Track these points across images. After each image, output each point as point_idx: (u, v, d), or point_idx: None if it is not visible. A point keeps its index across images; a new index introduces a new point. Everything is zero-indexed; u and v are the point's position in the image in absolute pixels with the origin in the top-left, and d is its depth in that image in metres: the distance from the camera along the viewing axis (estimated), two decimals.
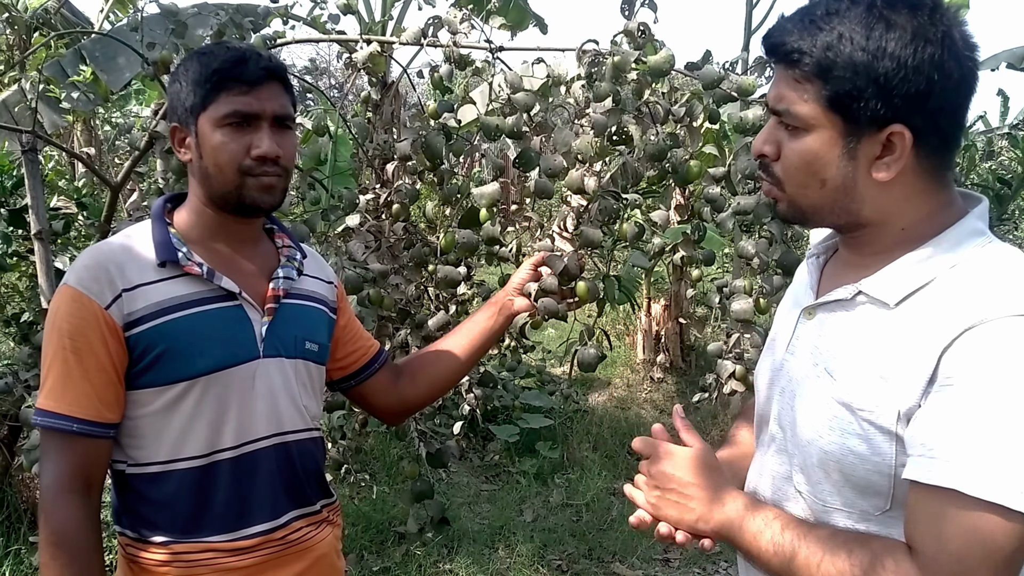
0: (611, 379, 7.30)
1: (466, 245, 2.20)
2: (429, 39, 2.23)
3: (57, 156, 6.04)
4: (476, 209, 2.16)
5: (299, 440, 1.59)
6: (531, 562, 4.09)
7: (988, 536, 0.95)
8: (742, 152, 2.10)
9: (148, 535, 1.46)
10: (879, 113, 1.05)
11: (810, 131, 1.10)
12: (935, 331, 1.02)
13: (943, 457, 0.98)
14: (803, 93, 1.09)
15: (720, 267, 7.06)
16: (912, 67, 1.02)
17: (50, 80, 3.33)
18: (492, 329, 1.87)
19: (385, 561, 4.02)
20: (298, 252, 1.66)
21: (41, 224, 3.00)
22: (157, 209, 1.54)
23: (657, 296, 7.57)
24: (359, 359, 1.79)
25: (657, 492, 1.30)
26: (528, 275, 1.89)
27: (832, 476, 1.13)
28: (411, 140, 2.21)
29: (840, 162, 1.10)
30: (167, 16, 2.47)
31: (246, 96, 1.45)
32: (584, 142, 1.97)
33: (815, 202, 1.15)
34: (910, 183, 1.10)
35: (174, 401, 1.44)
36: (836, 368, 1.14)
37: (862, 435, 1.08)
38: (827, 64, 1.05)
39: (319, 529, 1.63)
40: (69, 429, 1.39)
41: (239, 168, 1.46)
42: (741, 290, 2.22)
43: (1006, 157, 11.09)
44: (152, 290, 1.43)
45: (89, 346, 1.39)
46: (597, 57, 2.05)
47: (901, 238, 1.12)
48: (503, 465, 5.47)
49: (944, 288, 1.06)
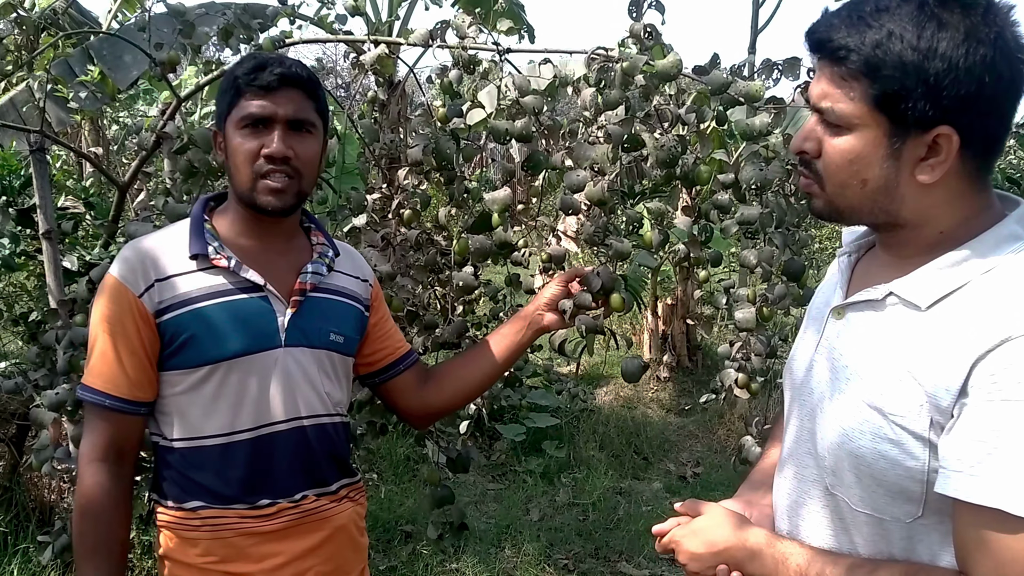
0: (617, 378, 7.29)
1: (480, 251, 2.20)
2: (438, 42, 2.23)
3: (65, 156, 6.06)
4: (488, 214, 2.16)
5: (317, 424, 1.67)
6: (537, 561, 4.09)
7: None
8: (749, 161, 2.08)
9: (183, 500, 1.59)
10: (927, 114, 1.02)
11: (853, 130, 1.08)
12: (969, 338, 1.00)
13: (985, 475, 0.96)
14: (849, 91, 1.06)
15: (727, 267, 7.04)
16: (964, 68, 0.99)
17: (58, 80, 3.34)
18: (520, 343, 1.90)
19: (392, 560, 4.02)
20: (331, 249, 1.75)
21: (49, 223, 3.00)
22: (197, 207, 1.67)
23: (664, 295, 7.56)
24: (385, 357, 1.85)
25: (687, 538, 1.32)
26: (559, 291, 1.89)
27: (863, 480, 1.11)
28: (422, 146, 2.21)
29: (883, 162, 1.07)
30: (174, 16, 2.47)
31: (261, 100, 1.56)
32: (600, 152, 1.97)
33: (854, 202, 1.12)
34: (952, 186, 1.08)
35: (198, 383, 1.56)
36: (866, 370, 1.12)
37: (894, 439, 1.06)
38: (876, 62, 1.02)
39: (339, 504, 1.72)
40: (103, 404, 1.54)
41: (252, 170, 1.56)
42: (744, 299, 2.21)
43: (1015, 157, 11.03)
44: (182, 280, 1.56)
45: (124, 331, 1.53)
46: (606, 63, 2.04)
47: (938, 240, 1.10)
48: (509, 464, 5.47)
49: (978, 293, 1.03)
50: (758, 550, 1.22)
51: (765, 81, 2.04)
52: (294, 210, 1.65)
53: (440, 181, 2.32)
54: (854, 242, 1.30)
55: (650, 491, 5.14)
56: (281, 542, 1.61)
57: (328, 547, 1.68)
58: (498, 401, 5.47)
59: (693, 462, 5.74)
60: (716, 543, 1.26)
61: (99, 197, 4.73)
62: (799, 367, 1.30)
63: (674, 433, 6.20)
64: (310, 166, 1.62)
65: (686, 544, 1.31)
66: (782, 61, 2.05)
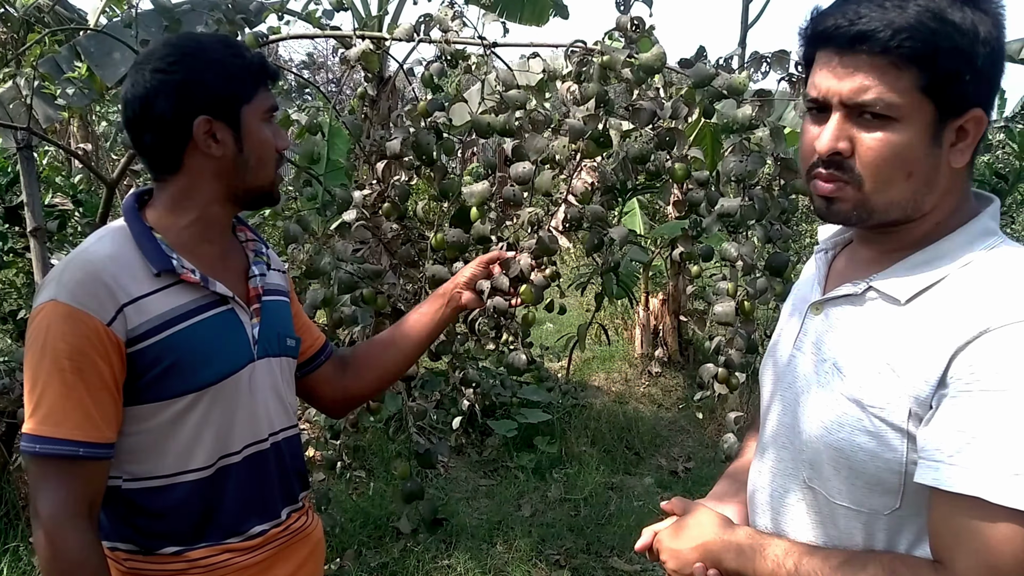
0: (608, 372, 7.30)
1: (456, 244, 2.19)
2: (421, 36, 2.22)
3: (53, 152, 6.02)
4: (467, 208, 2.16)
5: (288, 437, 1.61)
6: (529, 557, 4.09)
7: (1019, 545, 0.95)
8: (731, 153, 2.08)
9: (153, 547, 1.44)
10: (968, 98, 1.04)
11: (901, 121, 1.04)
12: (947, 330, 1.02)
13: (964, 464, 0.97)
14: (898, 79, 1.03)
15: (718, 262, 7.06)
16: (998, 52, 1.02)
17: (45, 76, 3.32)
18: (438, 321, 1.86)
19: (383, 557, 4.02)
20: (263, 245, 1.64)
21: (37, 221, 2.99)
22: (131, 210, 1.46)
23: (655, 290, 7.56)
24: (306, 351, 1.76)
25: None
26: (479, 271, 1.89)
27: (842, 473, 1.12)
28: (401, 139, 2.20)
29: (929, 150, 1.06)
30: (161, 13, 2.46)
31: (271, 91, 1.52)
32: (559, 146, 1.96)
33: (895, 196, 1.08)
34: (964, 173, 1.10)
35: (180, 414, 1.41)
36: (845, 364, 1.13)
37: (873, 432, 1.07)
38: (931, 47, 1.01)
39: (310, 518, 1.68)
40: (74, 454, 1.32)
41: (275, 162, 1.52)
42: (724, 292, 2.21)
43: (1002, 151, 11.07)
44: (151, 302, 1.38)
45: (91, 365, 1.32)
46: (585, 56, 2.04)
47: (926, 234, 1.12)
48: (501, 460, 5.47)
49: (956, 287, 1.05)
50: (736, 545, 1.23)
51: (753, 75, 2.04)
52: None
53: (430, 176, 2.32)
54: (830, 238, 1.30)
55: (641, 486, 5.14)
56: (271, 570, 1.54)
57: (310, 564, 1.64)
58: (490, 397, 5.48)
59: (684, 457, 5.74)
60: (697, 540, 1.27)
61: (88, 194, 4.70)
62: (778, 363, 1.30)
63: (665, 428, 6.21)
64: None
65: (668, 542, 1.32)
66: (770, 54, 2.05)
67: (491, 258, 1.92)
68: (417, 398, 3.12)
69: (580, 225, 2.00)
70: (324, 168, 5.46)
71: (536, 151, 1.98)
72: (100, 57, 4.09)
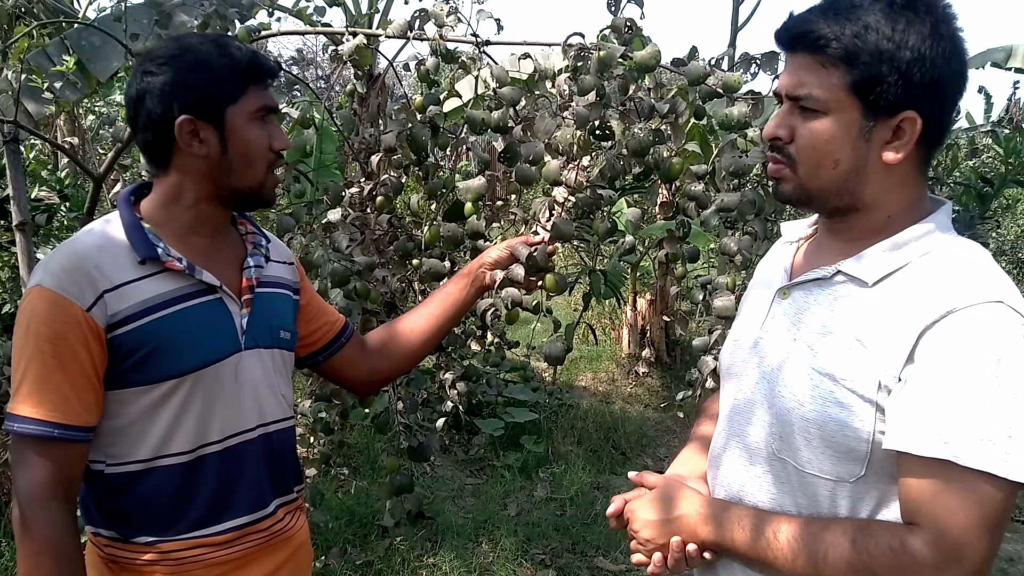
0: (595, 372, 7.31)
1: (451, 239, 2.19)
2: (415, 32, 2.22)
3: (40, 146, 5.99)
4: (461, 203, 2.15)
5: (280, 429, 1.61)
6: (515, 556, 4.09)
7: (986, 503, 1.05)
8: (727, 148, 2.10)
9: (130, 534, 1.45)
10: (896, 99, 1.14)
11: (829, 114, 1.18)
12: (914, 310, 1.12)
13: (934, 429, 1.06)
14: (828, 77, 1.16)
15: (704, 263, 7.08)
16: (929, 58, 1.13)
17: (32, 70, 3.30)
18: (463, 300, 1.87)
19: (368, 555, 4.01)
20: (263, 238, 1.66)
21: (23, 215, 2.97)
22: (125, 203, 1.49)
23: (643, 291, 7.58)
24: (325, 334, 1.78)
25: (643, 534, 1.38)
26: (504, 255, 1.89)
27: (812, 443, 1.20)
28: (396, 132, 2.20)
29: (855, 144, 1.18)
30: (151, 6, 2.45)
31: (267, 91, 1.50)
32: (565, 134, 1.96)
33: (825, 183, 1.21)
34: (906, 171, 1.20)
35: (161, 399, 1.43)
36: (816, 341, 1.22)
37: (844, 403, 1.16)
38: (855, 50, 1.14)
39: (296, 518, 1.66)
40: (50, 435, 1.35)
41: (266, 163, 1.50)
42: (723, 287, 2.22)
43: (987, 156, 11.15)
44: (134, 289, 1.40)
45: (70, 350, 1.36)
46: (583, 51, 2.04)
47: (884, 225, 1.22)
48: (487, 459, 5.47)
49: (920, 272, 1.16)
50: (711, 515, 1.29)
51: (743, 75, 2.05)
52: None
53: (419, 176, 2.31)
54: (795, 232, 1.41)
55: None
56: (244, 568, 1.53)
57: (290, 566, 1.63)
58: (476, 396, 5.47)
59: (670, 457, 5.75)
60: (669, 510, 1.33)
61: (75, 188, 4.68)
62: (742, 345, 1.38)
63: (652, 428, 6.23)
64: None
65: (640, 512, 1.38)
66: (760, 55, 2.06)
67: (516, 243, 1.89)
68: (403, 396, 3.12)
69: (592, 211, 2.00)
70: (314, 164, 5.46)
71: (545, 132, 1.99)
72: (91, 51, 4.07)
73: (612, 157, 1.99)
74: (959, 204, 8.45)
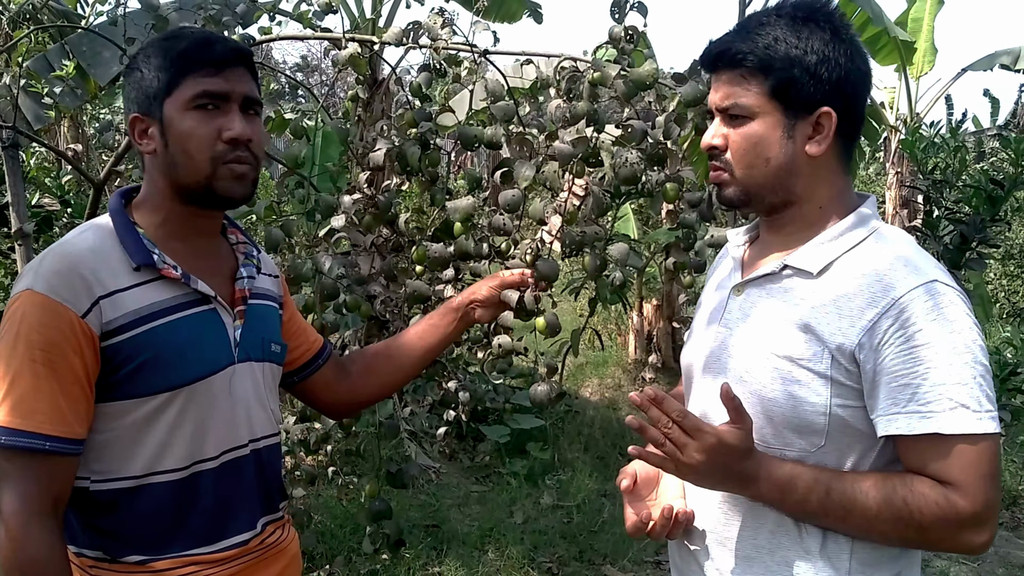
0: (603, 378, 7.27)
1: (437, 260, 2.13)
2: (410, 41, 2.17)
3: (43, 152, 5.98)
4: (451, 222, 2.09)
5: (269, 445, 1.56)
6: (521, 564, 4.06)
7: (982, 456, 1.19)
8: None
9: (119, 553, 1.39)
10: (811, 98, 1.29)
11: (755, 118, 1.32)
12: (861, 294, 1.24)
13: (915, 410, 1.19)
14: (749, 86, 1.31)
15: None
16: (833, 59, 1.29)
17: (32, 75, 3.28)
18: (448, 335, 1.82)
19: (373, 563, 3.97)
20: (254, 248, 1.60)
21: (22, 221, 2.95)
22: (117, 206, 1.44)
23: (649, 296, 7.54)
24: (304, 354, 1.72)
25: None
26: (494, 294, 1.84)
27: (775, 420, 1.30)
28: (384, 150, 2.15)
29: (782, 142, 1.32)
30: (147, 11, 2.42)
31: (214, 77, 1.39)
32: (550, 171, 1.92)
33: (761, 180, 1.34)
34: (830, 163, 1.34)
35: (154, 413, 1.37)
36: (772, 329, 1.32)
37: (802, 381, 1.27)
38: (768, 59, 1.29)
39: (286, 531, 1.62)
40: (41, 448, 1.28)
41: (211, 155, 1.39)
42: None
43: (997, 158, 11.10)
44: (129, 296, 1.35)
45: (63, 358, 1.29)
46: (574, 73, 1.99)
47: (818, 216, 1.35)
48: (493, 466, 5.43)
49: (859, 258, 1.29)
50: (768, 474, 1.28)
51: None
52: (250, 199, 1.51)
53: (422, 181, 2.27)
54: (740, 237, 1.53)
55: None
56: None
57: None
58: (482, 402, 5.43)
59: None
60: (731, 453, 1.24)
61: (77, 195, 4.66)
62: (704, 343, 1.46)
63: None
64: (263, 150, 1.49)
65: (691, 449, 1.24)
66: None
67: (509, 282, 1.84)
68: (409, 403, 3.08)
69: (580, 249, 1.95)
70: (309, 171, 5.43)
71: (524, 179, 1.93)
72: (92, 56, 4.04)
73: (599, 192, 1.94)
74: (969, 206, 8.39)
